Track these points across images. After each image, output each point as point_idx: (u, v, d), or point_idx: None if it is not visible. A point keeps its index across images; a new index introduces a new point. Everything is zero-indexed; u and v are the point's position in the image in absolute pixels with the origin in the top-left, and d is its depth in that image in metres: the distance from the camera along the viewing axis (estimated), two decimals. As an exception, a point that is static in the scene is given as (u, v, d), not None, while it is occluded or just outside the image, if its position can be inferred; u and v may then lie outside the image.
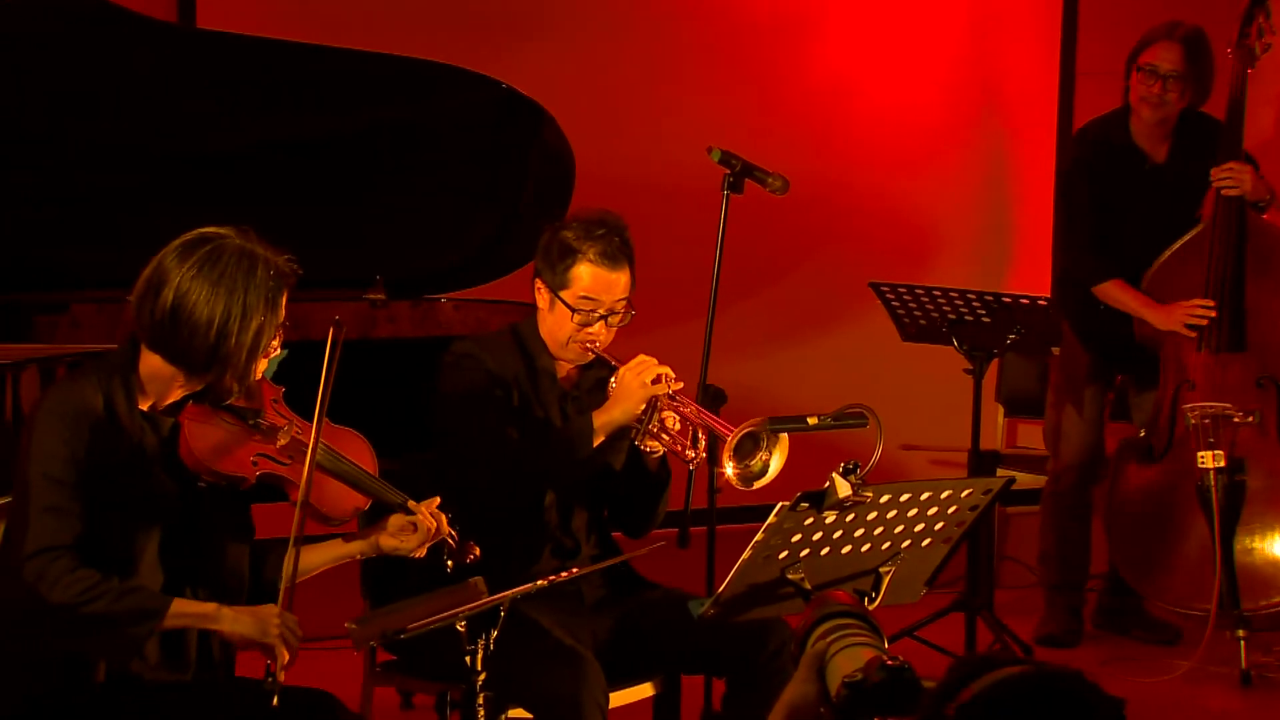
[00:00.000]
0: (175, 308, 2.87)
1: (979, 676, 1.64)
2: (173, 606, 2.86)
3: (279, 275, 2.94)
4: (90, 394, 2.88)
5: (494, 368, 3.55)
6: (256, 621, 2.90)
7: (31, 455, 2.85)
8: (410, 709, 4.49)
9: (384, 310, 4.90)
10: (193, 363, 2.90)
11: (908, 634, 4.74)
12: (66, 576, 2.79)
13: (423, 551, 3.11)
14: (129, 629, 2.83)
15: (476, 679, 2.88)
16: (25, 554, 2.79)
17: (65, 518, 2.81)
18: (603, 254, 3.51)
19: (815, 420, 3.29)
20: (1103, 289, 4.93)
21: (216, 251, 2.90)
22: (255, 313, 2.89)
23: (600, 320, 3.53)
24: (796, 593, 2.98)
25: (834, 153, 6.17)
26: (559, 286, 3.54)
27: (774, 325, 6.16)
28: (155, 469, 2.92)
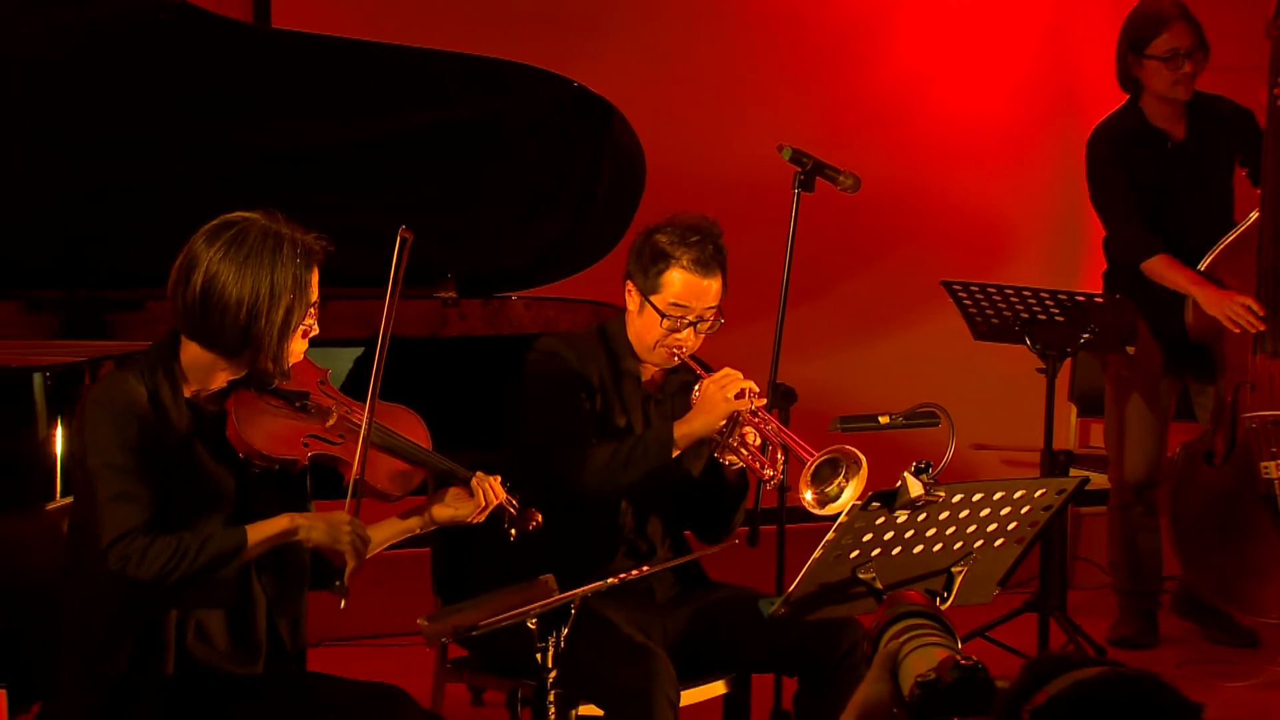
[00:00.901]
0: (205, 291, 2.88)
1: (1055, 678, 1.63)
2: (249, 536, 2.89)
3: (306, 253, 2.93)
4: (134, 386, 2.89)
5: (578, 367, 3.55)
6: (329, 527, 2.93)
7: (88, 449, 2.87)
8: (480, 705, 4.51)
9: (455, 308, 4.92)
10: (226, 345, 2.91)
11: (980, 634, 4.71)
12: (149, 551, 2.81)
13: (481, 517, 3.10)
14: (218, 574, 2.86)
15: (547, 676, 2.88)
16: (105, 544, 2.81)
17: (135, 501, 2.84)
18: (696, 261, 3.49)
19: (887, 419, 3.28)
20: (1151, 266, 4.90)
21: (242, 233, 2.91)
22: (284, 291, 2.89)
23: (689, 327, 3.51)
24: (868, 592, 2.97)
25: (907, 151, 6.13)
26: (650, 291, 3.52)
27: (844, 324, 6.13)
28: (207, 457, 2.94)
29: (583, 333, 3.68)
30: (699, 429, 3.44)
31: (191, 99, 4.47)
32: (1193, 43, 4.91)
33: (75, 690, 2.92)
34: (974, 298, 4.74)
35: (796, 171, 4.18)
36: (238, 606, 2.97)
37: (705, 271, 3.50)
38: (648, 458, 3.44)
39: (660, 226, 3.56)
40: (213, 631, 2.94)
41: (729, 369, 3.46)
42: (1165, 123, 5.00)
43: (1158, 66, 4.91)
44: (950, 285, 4.78)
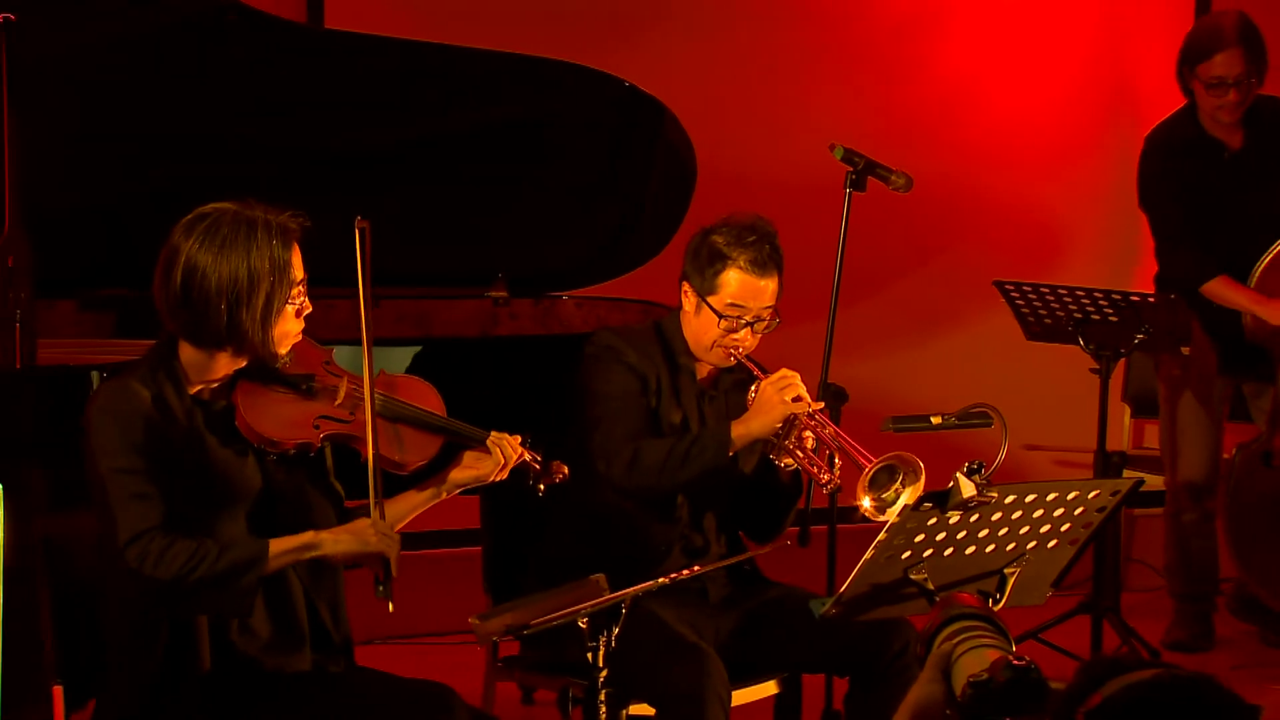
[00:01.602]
0: (185, 284, 2.89)
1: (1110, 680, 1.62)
2: (272, 547, 2.88)
3: (282, 232, 2.92)
4: (136, 389, 2.89)
5: (634, 360, 3.56)
6: (354, 536, 2.92)
7: (95, 455, 2.87)
8: (531, 704, 4.52)
9: (506, 308, 4.94)
10: (212, 337, 2.90)
11: (1032, 636, 4.68)
12: (167, 553, 2.82)
13: (503, 475, 3.08)
14: (238, 583, 2.85)
15: (598, 675, 2.89)
16: (120, 544, 2.82)
17: (147, 501, 2.84)
18: (753, 261, 3.50)
19: (939, 420, 3.27)
20: (1209, 288, 4.84)
21: (216, 223, 2.91)
22: (262, 276, 2.88)
23: (746, 327, 3.51)
24: (919, 593, 2.95)
25: (959, 150, 6.10)
26: (706, 292, 3.52)
27: (896, 323, 6.11)
28: (220, 451, 2.94)
29: (638, 329, 3.68)
30: (756, 430, 3.44)
31: (246, 99, 4.50)
32: (1243, 70, 4.78)
33: (121, 687, 2.94)
34: (1026, 298, 4.71)
35: (848, 171, 4.17)
36: (276, 596, 2.97)
37: (762, 272, 3.50)
38: (704, 456, 3.44)
39: (716, 227, 3.56)
40: (255, 624, 2.95)
41: (787, 371, 3.46)
42: (1222, 132, 4.92)
43: (1207, 93, 4.85)
44: (1003, 285, 4.75)
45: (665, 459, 3.44)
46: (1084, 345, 4.65)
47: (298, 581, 2.99)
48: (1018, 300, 4.73)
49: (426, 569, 4.98)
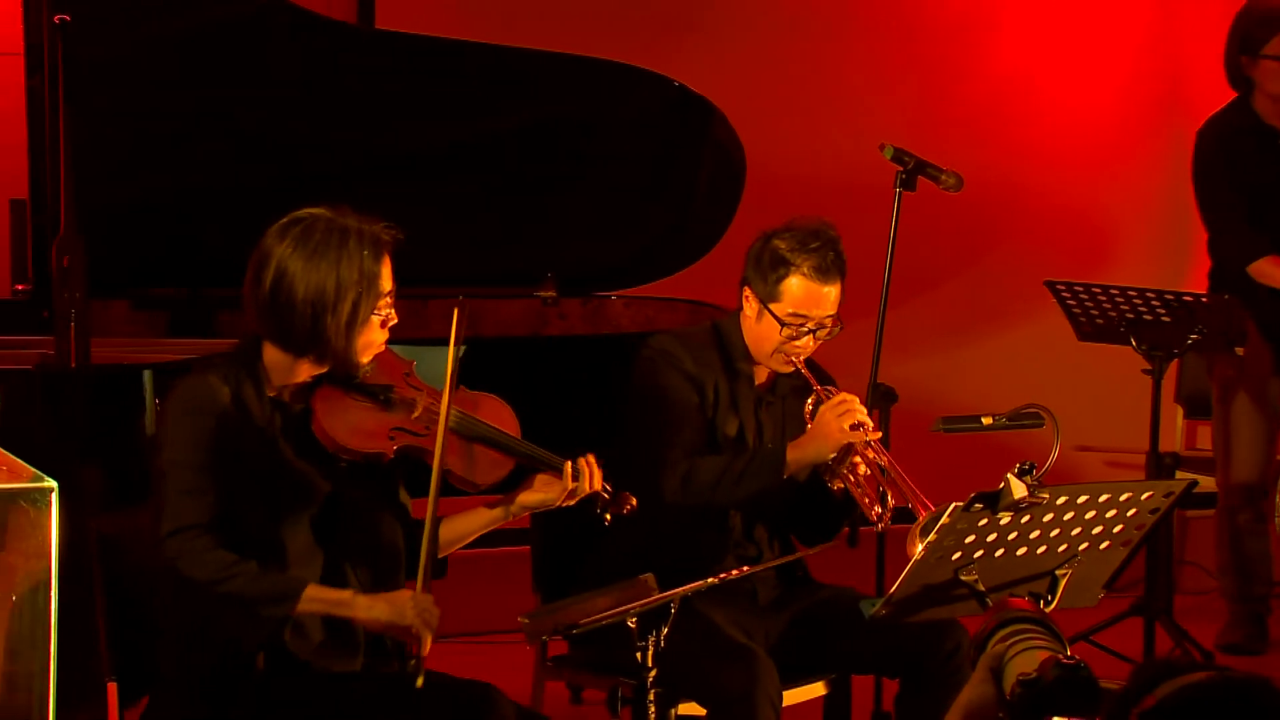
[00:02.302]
0: (274, 288, 2.90)
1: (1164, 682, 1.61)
2: (307, 591, 2.87)
3: (374, 243, 2.92)
4: (216, 386, 2.90)
5: (691, 368, 3.51)
6: (392, 608, 2.90)
7: (161, 445, 2.89)
8: (580, 704, 4.52)
9: (555, 308, 4.95)
10: (297, 343, 2.91)
11: (1084, 638, 4.65)
12: (206, 554, 2.83)
13: (571, 501, 3.07)
14: (264, 610, 2.86)
15: (647, 675, 2.89)
16: (163, 533, 2.83)
17: (201, 499, 2.85)
18: (816, 268, 3.44)
19: (990, 420, 3.25)
20: (1257, 267, 4.82)
21: (309, 229, 2.91)
22: (350, 285, 2.89)
23: (808, 335, 3.46)
24: (970, 594, 2.94)
25: (1010, 149, 6.07)
26: (769, 298, 3.47)
27: (946, 323, 6.09)
28: (293, 454, 2.95)
29: (696, 331, 3.64)
30: (811, 455, 3.40)
31: (297, 99, 4.53)
32: None
33: (176, 686, 2.95)
34: (1078, 298, 4.69)
35: (898, 170, 4.15)
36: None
37: (825, 279, 3.45)
38: (758, 479, 3.41)
39: (779, 231, 3.51)
40: (309, 627, 2.96)
41: (847, 395, 3.41)
42: (1278, 120, 4.91)
43: (1274, 67, 4.81)
44: (1054, 285, 4.73)
45: (719, 478, 3.41)
46: (1136, 346, 4.62)
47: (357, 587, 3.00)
48: (1069, 300, 4.71)
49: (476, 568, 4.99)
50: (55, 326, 3.78)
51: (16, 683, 2.33)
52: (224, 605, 2.85)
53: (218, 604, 2.86)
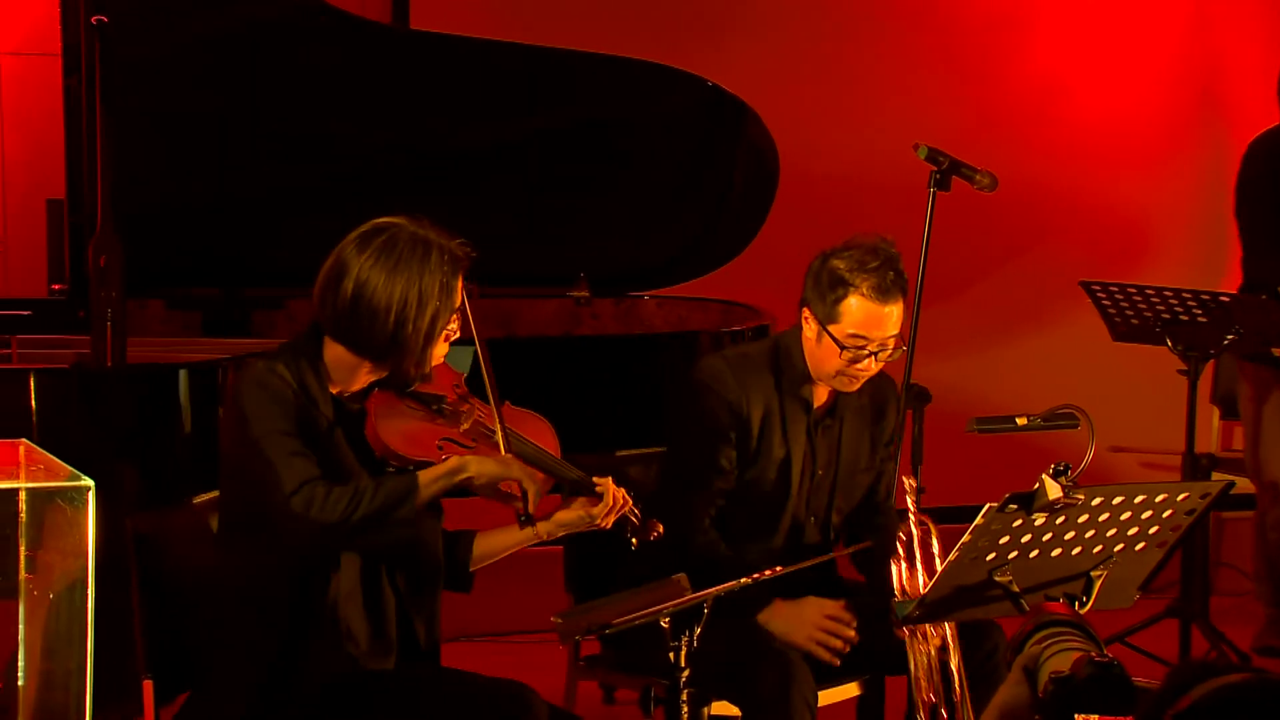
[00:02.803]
0: (355, 297, 2.92)
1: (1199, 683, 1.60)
2: (420, 478, 2.92)
3: (453, 260, 2.96)
4: (282, 373, 2.94)
5: (737, 397, 3.41)
6: (499, 463, 2.96)
7: (250, 421, 2.91)
8: (612, 703, 4.52)
9: (588, 308, 4.95)
10: (373, 350, 2.94)
11: (1119, 640, 4.63)
12: (329, 498, 2.86)
13: (607, 524, 3.09)
14: (397, 514, 2.89)
15: (680, 675, 2.88)
16: (286, 492, 2.85)
17: (306, 458, 2.89)
18: (876, 288, 3.33)
19: (1024, 421, 3.23)
20: None
21: (392, 240, 2.94)
22: (431, 298, 2.92)
23: (869, 357, 3.37)
24: (1004, 595, 2.94)
25: (1045, 150, 6.06)
26: (828, 320, 3.36)
27: (981, 323, 6.07)
28: (346, 453, 2.98)
29: (754, 350, 3.53)
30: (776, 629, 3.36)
31: (333, 100, 4.54)
32: None
33: (227, 686, 2.97)
34: (1113, 298, 4.66)
35: (932, 170, 4.13)
36: (371, 605, 3.00)
37: (885, 299, 3.35)
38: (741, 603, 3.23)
39: (837, 251, 3.40)
40: (355, 630, 2.98)
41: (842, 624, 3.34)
42: None
43: None
44: (1089, 285, 4.71)
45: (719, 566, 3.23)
46: (1172, 346, 4.59)
47: (392, 595, 3.02)
48: (1104, 300, 4.69)
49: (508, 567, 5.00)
50: (92, 326, 3.80)
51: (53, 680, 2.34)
52: (361, 534, 2.88)
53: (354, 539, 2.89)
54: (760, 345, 3.56)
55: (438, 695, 2.99)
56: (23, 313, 4.40)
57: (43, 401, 3.67)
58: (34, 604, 2.35)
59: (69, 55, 4.30)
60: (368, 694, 2.96)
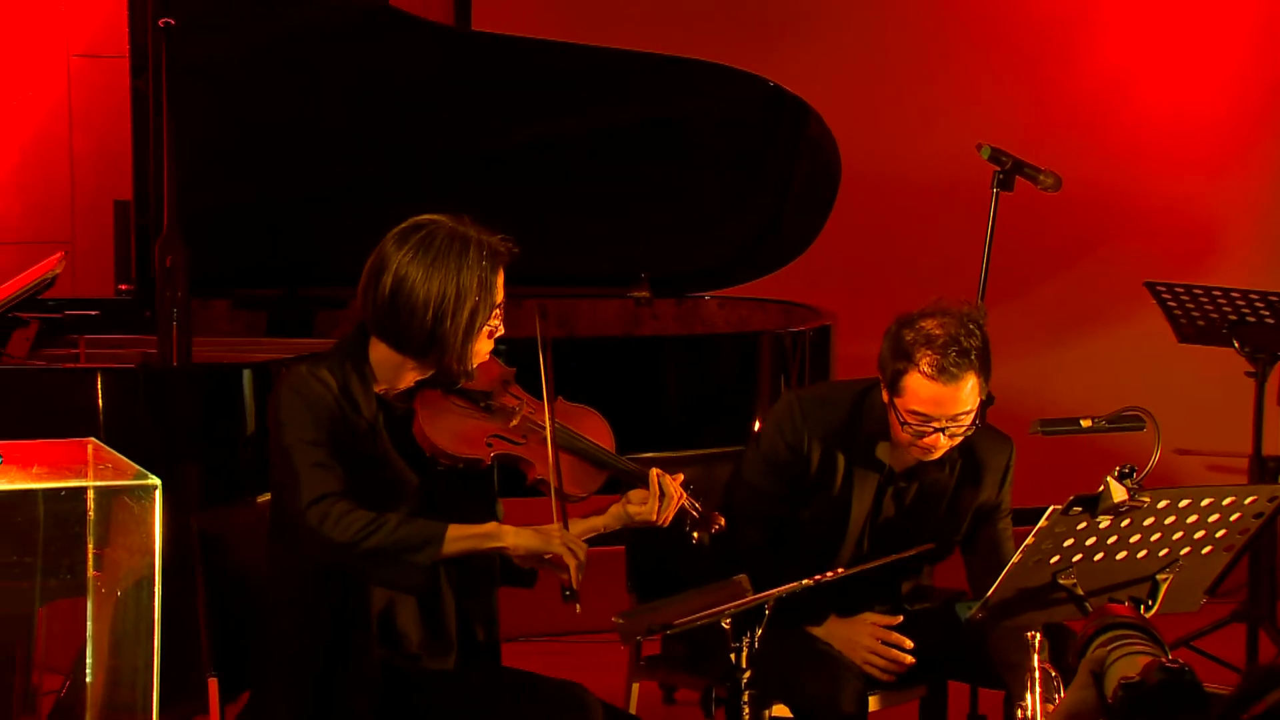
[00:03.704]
0: (394, 292, 2.92)
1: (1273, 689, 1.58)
2: (450, 531, 2.90)
3: (492, 255, 2.95)
4: (325, 377, 2.94)
5: (796, 439, 3.32)
6: (539, 535, 2.93)
7: (283, 428, 2.92)
8: (672, 704, 4.52)
9: (648, 308, 4.95)
10: (413, 345, 2.94)
11: (1185, 644, 4.59)
12: (346, 516, 2.85)
13: (667, 519, 3.07)
14: (411, 558, 2.88)
15: (741, 676, 2.88)
16: (303, 503, 2.86)
17: (332, 470, 2.89)
18: (935, 366, 3.11)
19: (1089, 423, 3.19)
20: None
21: (430, 236, 2.94)
22: (469, 294, 2.91)
23: (936, 433, 3.17)
24: (1068, 598, 2.92)
25: (1109, 149, 6.01)
26: (892, 392, 3.19)
27: (1044, 325, 6.03)
28: (393, 453, 2.98)
29: (837, 395, 3.37)
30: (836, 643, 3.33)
31: (394, 100, 4.56)
32: None
33: (281, 683, 2.98)
34: (1179, 299, 4.62)
35: (995, 170, 4.13)
36: (428, 604, 3.00)
37: (947, 380, 3.11)
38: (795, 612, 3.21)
39: (912, 317, 3.19)
40: (407, 628, 2.98)
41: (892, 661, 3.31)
42: None
43: None
44: (1154, 286, 4.67)
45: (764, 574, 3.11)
46: (1239, 348, 4.55)
47: (450, 592, 3.03)
48: (1170, 302, 4.65)
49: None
50: (158, 326, 3.83)
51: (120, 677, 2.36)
52: (372, 563, 2.88)
53: (361, 564, 2.88)
54: (846, 389, 3.39)
55: (492, 695, 3.00)
56: (90, 313, 4.43)
57: (109, 401, 3.71)
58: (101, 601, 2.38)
59: (136, 57, 4.34)
60: (423, 694, 2.97)
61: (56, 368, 3.96)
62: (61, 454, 2.55)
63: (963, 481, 3.35)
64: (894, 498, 3.35)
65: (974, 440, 3.29)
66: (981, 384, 3.16)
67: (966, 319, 3.16)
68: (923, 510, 3.37)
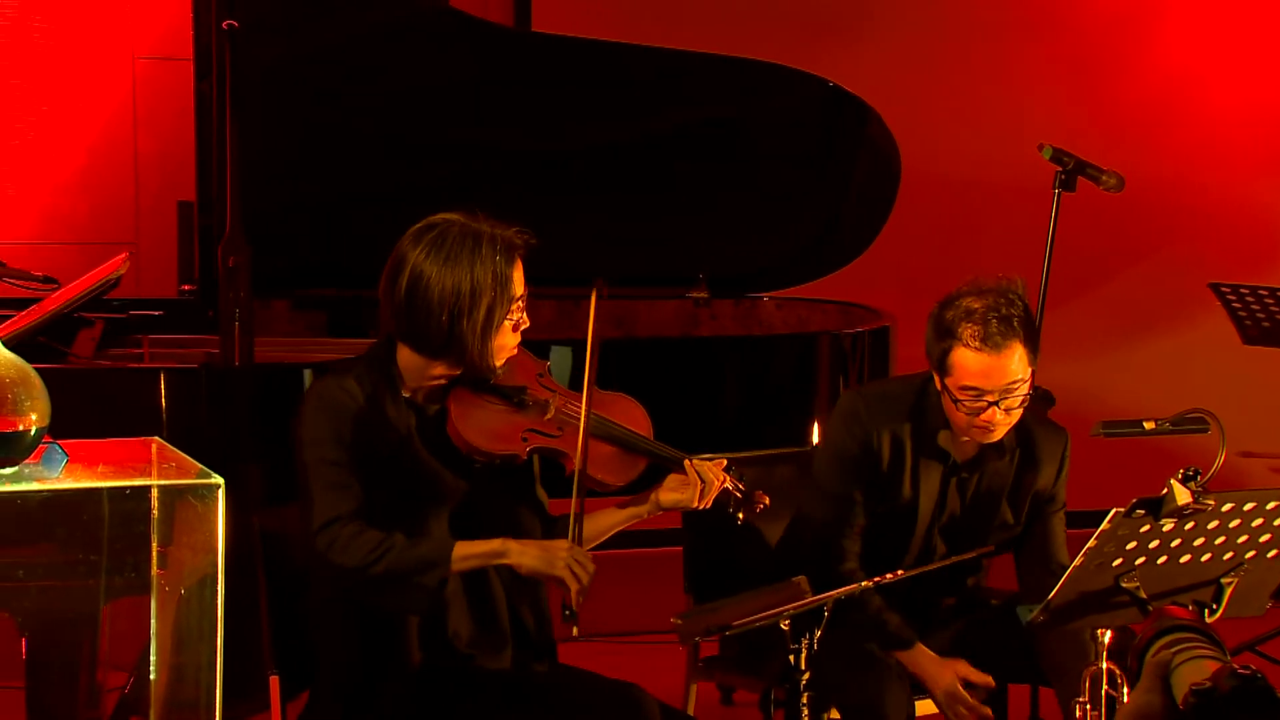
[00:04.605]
0: (409, 292, 2.92)
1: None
2: (456, 549, 2.90)
3: (507, 248, 2.94)
4: (351, 388, 2.94)
5: (866, 436, 3.31)
6: (544, 553, 2.92)
7: (304, 445, 2.93)
8: (730, 705, 4.52)
9: (706, 308, 4.95)
10: (433, 346, 2.93)
11: (1249, 648, 4.55)
12: (354, 541, 2.85)
13: (706, 503, 3.06)
14: (419, 579, 2.88)
15: (800, 678, 2.87)
16: (313, 529, 2.87)
17: (345, 491, 2.88)
18: (979, 337, 3.13)
19: (1152, 425, 3.16)
20: None
21: (443, 234, 2.94)
22: (484, 289, 2.90)
23: (991, 407, 3.16)
24: (1131, 601, 2.89)
25: (1173, 148, 5.96)
26: (941, 372, 3.20)
27: (1106, 326, 5.99)
28: (428, 455, 2.97)
29: (897, 390, 3.36)
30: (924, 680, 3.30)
31: (456, 102, 4.58)
32: None
33: (329, 681, 3.00)
34: (1244, 300, 4.58)
35: (1057, 171, 4.10)
36: (478, 598, 3.00)
37: (993, 349, 3.13)
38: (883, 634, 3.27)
39: (951, 298, 3.22)
40: (456, 624, 2.99)
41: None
42: None
43: None
44: (1218, 287, 4.62)
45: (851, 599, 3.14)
46: (1305, 350, 4.50)
47: (499, 583, 3.03)
48: (1234, 303, 4.60)
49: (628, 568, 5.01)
50: (220, 326, 3.86)
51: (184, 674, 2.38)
52: (378, 587, 2.89)
53: (372, 590, 2.89)
54: (906, 384, 3.39)
55: (548, 694, 2.99)
56: (154, 313, 4.48)
57: (173, 400, 3.74)
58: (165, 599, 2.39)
59: (200, 59, 4.38)
60: (476, 694, 2.97)
61: (121, 367, 4.00)
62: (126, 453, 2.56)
63: (1022, 470, 3.34)
64: (958, 489, 3.35)
65: (1031, 431, 3.31)
66: (1029, 354, 3.17)
67: (1004, 290, 3.20)
68: (987, 503, 3.37)
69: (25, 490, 2.33)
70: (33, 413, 2.34)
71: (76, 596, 2.46)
